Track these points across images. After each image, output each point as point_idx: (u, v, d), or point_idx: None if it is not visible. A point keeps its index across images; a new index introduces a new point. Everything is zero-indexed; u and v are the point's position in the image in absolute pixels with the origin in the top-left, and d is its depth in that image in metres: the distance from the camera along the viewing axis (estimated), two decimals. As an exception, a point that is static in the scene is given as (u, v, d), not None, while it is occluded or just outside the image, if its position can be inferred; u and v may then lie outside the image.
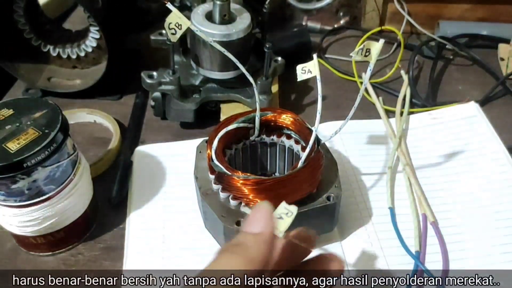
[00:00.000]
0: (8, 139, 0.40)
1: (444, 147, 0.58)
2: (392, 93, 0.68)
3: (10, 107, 0.44)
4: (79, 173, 0.46)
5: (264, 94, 0.60)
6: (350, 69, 0.71)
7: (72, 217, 0.47)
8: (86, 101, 0.67)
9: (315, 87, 0.68)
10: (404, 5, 0.77)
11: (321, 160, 0.43)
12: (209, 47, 0.56)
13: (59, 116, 0.43)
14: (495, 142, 0.58)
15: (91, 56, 0.68)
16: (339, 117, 0.57)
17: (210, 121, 0.62)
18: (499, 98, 0.68)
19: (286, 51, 0.68)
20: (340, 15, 0.84)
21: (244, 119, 0.47)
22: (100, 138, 0.61)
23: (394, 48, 0.77)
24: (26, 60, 0.67)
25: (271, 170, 0.52)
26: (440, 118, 0.62)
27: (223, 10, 0.56)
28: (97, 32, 0.64)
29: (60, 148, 0.42)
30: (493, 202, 0.52)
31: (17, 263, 0.48)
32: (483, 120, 0.61)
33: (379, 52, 0.37)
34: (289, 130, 0.48)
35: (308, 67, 0.41)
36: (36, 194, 0.42)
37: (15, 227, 0.45)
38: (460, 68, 0.74)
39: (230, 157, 0.47)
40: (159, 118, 0.64)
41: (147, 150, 0.58)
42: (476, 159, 0.56)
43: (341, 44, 0.80)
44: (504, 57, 0.73)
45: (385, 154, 0.57)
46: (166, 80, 0.58)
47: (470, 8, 0.78)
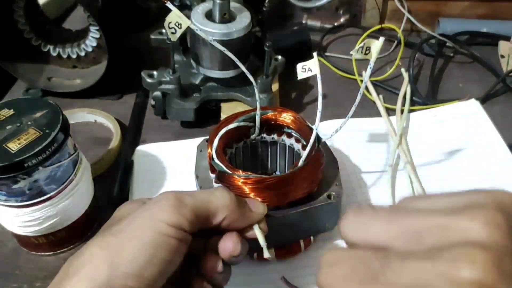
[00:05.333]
0: (9, 139, 0.40)
1: (445, 145, 0.58)
2: (393, 91, 0.68)
3: (11, 107, 0.44)
4: (80, 172, 0.46)
5: (265, 93, 0.60)
6: (351, 67, 0.71)
7: (73, 216, 0.47)
8: (86, 100, 0.67)
9: (315, 86, 0.69)
10: (404, 2, 0.76)
11: (321, 159, 0.43)
12: (209, 46, 0.56)
13: (60, 116, 0.43)
14: (496, 139, 0.58)
15: (91, 56, 0.68)
16: (340, 115, 0.56)
17: (210, 120, 0.62)
18: (500, 96, 0.68)
19: (286, 49, 0.68)
20: (340, 13, 0.84)
21: (244, 118, 0.47)
22: (100, 137, 0.61)
23: (395, 46, 0.77)
24: (26, 60, 0.67)
25: (271, 169, 0.52)
26: (440, 116, 0.62)
27: (223, 9, 0.56)
28: (97, 32, 0.64)
29: (60, 148, 0.42)
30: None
31: (18, 263, 0.48)
32: (483, 117, 0.61)
33: (379, 50, 0.37)
34: (290, 129, 0.48)
35: (308, 65, 0.41)
36: (37, 194, 0.42)
37: (16, 227, 0.45)
38: (461, 65, 0.74)
39: (231, 156, 0.47)
40: (159, 117, 0.64)
41: (148, 149, 0.58)
42: (477, 156, 0.56)
43: (341, 42, 0.80)
44: (504, 54, 0.73)
45: (386, 152, 0.57)
46: (166, 79, 0.58)
47: (470, 5, 0.78)
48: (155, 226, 0.31)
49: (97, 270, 0.29)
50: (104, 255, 0.30)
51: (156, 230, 0.31)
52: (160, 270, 0.30)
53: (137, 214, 0.32)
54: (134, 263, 0.29)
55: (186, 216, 0.32)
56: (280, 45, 0.67)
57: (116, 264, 0.29)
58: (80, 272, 0.29)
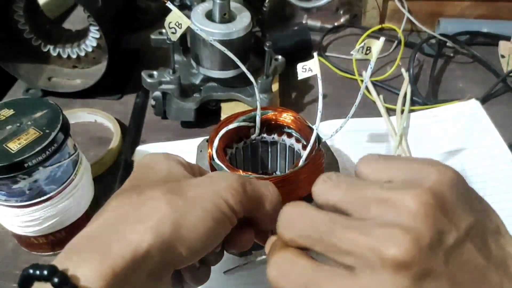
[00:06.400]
0: (9, 139, 0.40)
1: (445, 145, 0.58)
2: (393, 91, 0.68)
3: (11, 107, 0.44)
4: (80, 173, 0.46)
5: (265, 93, 0.60)
6: (351, 67, 0.71)
7: (73, 217, 0.47)
8: (86, 100, 0.67)
9: (315, 86, 0.69)
10: (405, 3, 0.76)
11: (322, 159, 0.43)
12: (209, 46, 0.56)
13: (60, 116, 0.43)
14: (496, 139, 0.58)
15: (91, 56, 0.68)
16: (340, 115, 0.56)
17: (210, 120, 0.62)
18: (500, 96, 0.68)
19: (287, 49, 0.68)
20: (340, 13, 0.84)
21: (244, 118, 0.47)
22: (100, 137, 0.61)
23: (395, 46, 0.77)
24: (26, 60, 0.67)
25: (272, 169, 0.52)
26: (440, 116, 0.62)
27: (223, 9, 0.56)
28: (97, 32, 0.64)
29: (60, 148, 0.42)
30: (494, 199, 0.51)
31: (18, 263, 0.48)
32: (484, 117, 0.61)
33: (380, 50, 0.37)
34: (290, 129, 0.48)
35: (308, 65, 0.41)
36: (37, 194, 0.42)
37: (17, 227, 0.45)
38: (461, 65, 0.74)
39: (231, 156, 0.47)
40: (159, 117, 0.64)
41: (148, 149, 0.58)
42: (477, 156, 0.56)
43: (341, 42, 0.80)
44: (504, 54, 0.73)
45: (386, 152, 0.57)
46: (167, 79, 0.58)
47: (470, 5, 0.78)
48: (219, 202, 0.30)
49: (163, 226, 0.28)
50: (171, 212, 0.29)
51: (219, 206, 0.30)
52: (208, 245, 0.30)
53: (202, 183, 0.32)
54: (194, 232, 0.29)
55: (244, 204, 0.32)
56: (280, 45, 0.67)
57: (181, 225, 0.28)
58: (145, 221, 0.28)
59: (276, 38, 0.66)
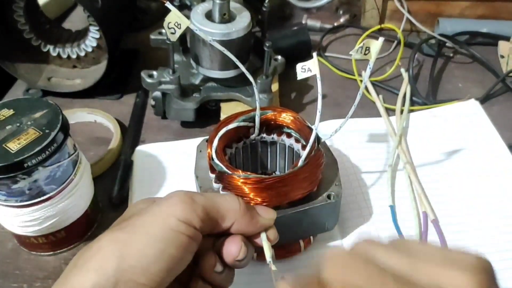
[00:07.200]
0: (9, 139, 0.40)
1: (444, 145, 0.58)
2: (392, 91, 0.68)
3: (11, 107, 0.44)
4: (79, 173, 0.46)
5: (264, 93, 0.60)
6: (350, 67, 0.71)
7: (73, 217, 0.47)
8: (86, 100, 0.67)
9: (315, 86, 0.69)
10: (404, 3, 0.77)
11: (321, 159, 0.43)
12: (208, 46, 0.56)
13: (60, 116, 0.43)
14: (495, 139, 0.58)
15: (91, 56, 0.68)
16: (339, 115, 0.57)
17: (210, 120, 0.62)
18: (499, 96, 0.68)
19: (286, 49, 0.68)
20: (339, 13, 0.84)
21: (244, 118, 0.47)
22: (100, 137, 0.61)
23: (394, 46, 0.77)
24: (26, 60, 0.67)
25: (271, 169, 0.52)
26: (440, 116, 0.62)
27: (223, 9, 0.56)
28: (97, 32, 0.64)
29: (60, 148, 0.42)
30: (494, 199, 0.52)
31: (18, 263, 0.48)
32: (483, 117, 0.61)
33: (379, 50, 0.37)
34: (289, 129, 0.48)
35: (308, 65, 0.41)
36: (37, 194, 0.43)
37: (16, 227, 0.45)
38: (460, 65, 0.74)
39: (231, 156, 0.47)
40: (159, 117, 0.64)
41: (148, 149, 0.58)
42: (476, 156, 0.56)
43: (341, 42, 0.80)
44: (504, 54, 0.73)
45: (386, 152, 0.57)
46: (166, 79, 0.58)
47: (470, 5, 0.78)
48: (165, 221, 0.31)
49: (105, 262, 0.29)
50: (112, 248, 0.29)
51: (166, 225, 0.31)
52: (168, 266, 0.30)
53: (148, 210, 0.32)
54: (142, 257, 0.29)
55: (197, 213, 0.32)
56: (280, 45, 0.67)
57: (124, 257, 0.29)
58: (88, 263, 0.29)
59: (275, 38, 0.66)
